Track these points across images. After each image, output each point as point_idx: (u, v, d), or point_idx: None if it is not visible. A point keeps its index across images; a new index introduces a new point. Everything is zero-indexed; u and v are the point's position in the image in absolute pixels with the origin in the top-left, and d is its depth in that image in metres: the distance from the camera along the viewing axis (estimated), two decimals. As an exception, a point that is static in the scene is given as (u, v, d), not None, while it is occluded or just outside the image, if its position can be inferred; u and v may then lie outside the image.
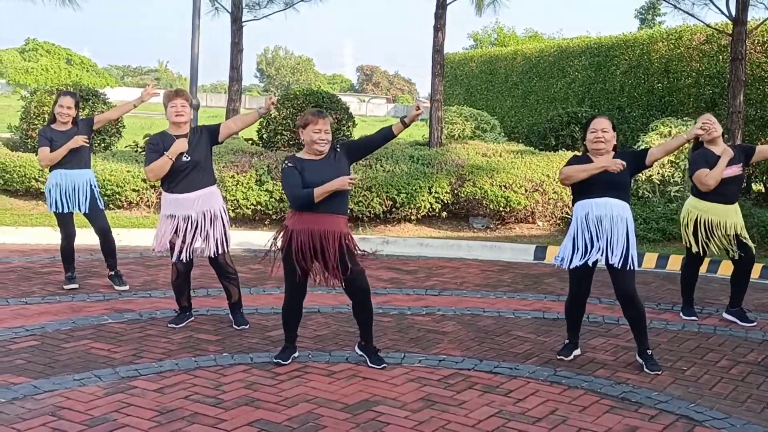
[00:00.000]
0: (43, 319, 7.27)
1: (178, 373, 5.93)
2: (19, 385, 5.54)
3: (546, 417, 5.29)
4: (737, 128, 13.73)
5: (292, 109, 15.47)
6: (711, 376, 6.29)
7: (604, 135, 6.37)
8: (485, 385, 5.88)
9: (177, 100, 7.02)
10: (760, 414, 5.50)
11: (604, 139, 6.37)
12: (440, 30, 16.08)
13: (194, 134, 7.09)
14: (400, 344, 6.89)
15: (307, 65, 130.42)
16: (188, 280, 7.31)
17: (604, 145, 6.38)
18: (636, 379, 6.15)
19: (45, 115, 15.02)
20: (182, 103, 7.03)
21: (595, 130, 6.40)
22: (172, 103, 7.00)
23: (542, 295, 9.11)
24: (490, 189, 13.03)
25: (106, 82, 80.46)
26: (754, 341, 7.41)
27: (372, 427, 5.01)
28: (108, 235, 8.66)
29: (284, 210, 12.49)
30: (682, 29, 18.25)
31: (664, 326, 7.78)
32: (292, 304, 6.24)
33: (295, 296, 6.21)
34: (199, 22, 13.89)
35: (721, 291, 9.21)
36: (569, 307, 6.72)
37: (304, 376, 5.95)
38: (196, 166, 6.99)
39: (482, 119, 20.34)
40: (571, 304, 6.70)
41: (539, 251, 11.77)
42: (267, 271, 9.78)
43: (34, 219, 12.26)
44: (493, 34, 62.12)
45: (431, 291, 9.13)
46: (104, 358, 6.21)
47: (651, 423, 5.24)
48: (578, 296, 6.64)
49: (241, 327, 7.22)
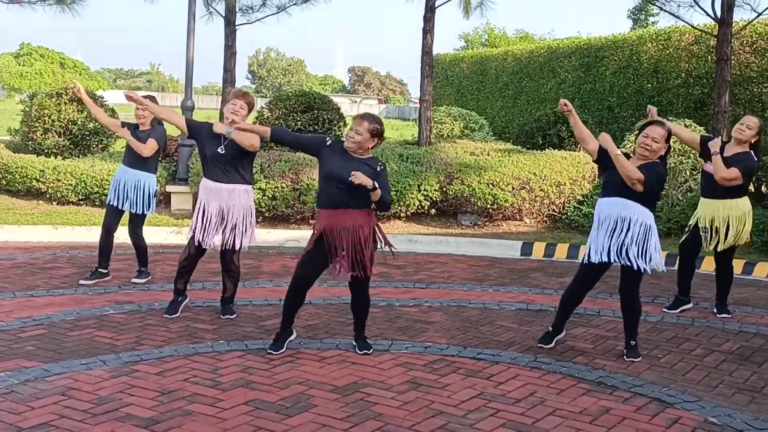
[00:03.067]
0: (49, 310, 7.60)
1: (177, 358, 6.25)
2: (30, 368, 5.87)
3: (525, 398, 5.61)
4: (723, 128, 14.05)
5: (284, 109, 15.78)
6: (685, 364, 6.62)
7: (652, 144, 6.45)
8: (468, 370, 6.21)
9: (239, 101, 7.26)
10: (730, 398, 5.81)
11: (651, 147, 6.45)
12: (429, 32, 16.34)
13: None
14: (388, 332, 7.23)
15: (298, 66, 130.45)
16: (194, 264, 7.61)
17: (648, 154, 6.48)
18: (612, 365, 6.48)
19: (45, 119, 15.33)
20: (242, 104, 7.24)
21: (646, 136, 6.49)
22: (234, 101, 7.26)
23: (527, 288, 9.45)
24: (478, 187, 13.36)
25: (99, 85, 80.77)
26: (731, 332, 7.74)
27: (360, 406, 5.34)
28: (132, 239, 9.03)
29: (277, 207, 12.84)
30: (670, 30, 18.53)
31: (643, 317, 8.02)
32: (299, 294, 6.47)
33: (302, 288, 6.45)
34: (194, 25, 14.17)
35: (702, 285, 9.50)
36: (566, 296, 6.93)
37: (296, 361, 6.28)
38: (230, 160, 7.24)
39: (471, 119, 20.69)
40: (569, 294, 6.91)
41: (526, 247, 12.11)
42: (260, 266, 10.14)
43: (36, 218, 12.58)
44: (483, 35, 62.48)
45: (419, 284, 9.46)
46: (108, 345, 6.54)
47: (624, 405, 5.57)
48: (579, 288, 6.85)
49: (226, 316, 7.54)
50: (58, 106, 15.52)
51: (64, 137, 15.71)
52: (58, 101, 15.63)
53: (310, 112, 15.87)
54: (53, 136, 15.37)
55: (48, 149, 15.26)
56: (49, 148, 15.27)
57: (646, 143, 6.48)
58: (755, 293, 9.62)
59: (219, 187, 7.30)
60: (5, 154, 14.41)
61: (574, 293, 6.90)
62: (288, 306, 6.51)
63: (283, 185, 12.78)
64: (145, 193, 8.84)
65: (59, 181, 13.59)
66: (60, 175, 13.59)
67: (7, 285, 8.62)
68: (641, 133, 6.57)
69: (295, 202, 12.89)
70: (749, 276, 10.72)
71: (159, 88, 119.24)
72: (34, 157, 14.22)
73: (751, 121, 8.06)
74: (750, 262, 10.95)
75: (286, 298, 6.50)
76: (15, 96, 76.79)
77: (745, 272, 10.75)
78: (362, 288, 6.49)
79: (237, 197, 7.34)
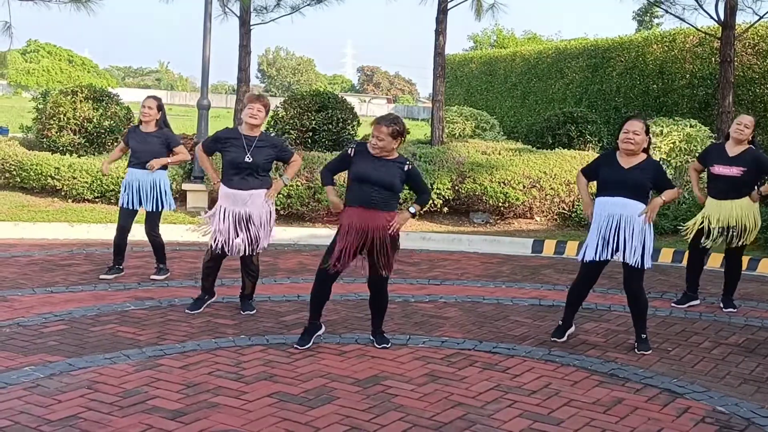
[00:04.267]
0: (70, 306, 7.74)
1: (200, 352, 6.40)
2: (54, 363, 6.00)
3: (540, 390, 5.76)
4: (727, 128, 14.12)
5: (298, 109, 15.92)
6: (694, 356, 6.78)
7: (635, 137, 6.70)
8: (485, 363, 6.36)
9: (255, 104, 7.42)
10: (737, 388, 5.98)
11: (634, 141, 6.70)
12: (441, 34, 16.48)
13: (262, 140, 7.48)
14: (405, 327, 7.38)
15: (308, 66, 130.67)
16: (219, 266, 7.78)
17: (633, 147, 6.71)
18: (624, 358, 6.64)
19: (60, 116, 15.46)
20: (258, 108, 7.41)
21: (627, 131, 6.73)
22: (250, 106, 7.41)
23: (539, 284, 9.59)
24: (490, 185, 13.49)
25: (107, 83, 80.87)
26: (736, 326, 7.92)
27: (381, 398, 5.48)
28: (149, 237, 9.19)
29: (292, 206, 12.97)
30: (675, 32, 18.66)
31: (653, 312, 8.22)
32: (324, 287, 6.63)
33: (327, 281, 6.60)
34: (210, 25, 14.29)
35: (708, 281, 9.64)
36: (573, 291, 7.13)
37: (317, 355, 6.43)
38: (256, 170, 7.41)
39: (482, 119, 20.82)
40: (575, 290, 7.11)
41: (537, 245, 12.24)
42: (277, 264, 10.27)
43: (51, 215, 12.71)
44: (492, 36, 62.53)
45: (434, 281, 9.60)
46: (130, 340, 6.68)
47: (636, 395, 5.72)
48: (584, 284, 7.06)
49: (246, 312, 7.69)
50: (74, 104, 15.65)
51: (80, 135, 15.80)
52: (73, 99, 15.75)
53: (324, 111, 16.02)
54: (68, 134, 15.50)
55: (63, 147, 15.39)
56: (64, 145, 15.39)
57: (629, 138, 6.71)
58: (760, 288, 9.80)
59: (239, 194, 7.43)
60: (20, 151, 14.53)
61: (579, 290, 7.10)
62: (314, 299, 6.68)
63: (298, 184, 12.93)
64: (162, 191, 9.01)
65: (75, 178, 13.72)
66: (75, 173, 13.73)
67: (26, 281, 8.75)
68: (621, 129, 6.81)
69: (310, 200, 13.03)
70: (754, 271, 10.89)
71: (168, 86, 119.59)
72: (50, 155, 14.34)
73: (747, 120, 8.40)
74: (755, 258, 11.11)
75: (312, 292, 6.68)
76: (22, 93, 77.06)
77: (750, 268, 10.90)
78: (381, 286, 6.64)
79: (256, 202, 7.48)
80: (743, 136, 8.32)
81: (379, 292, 6.69)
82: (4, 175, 14.29)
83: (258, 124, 7.45)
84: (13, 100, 60.79)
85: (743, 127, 8.32)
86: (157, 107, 8.99)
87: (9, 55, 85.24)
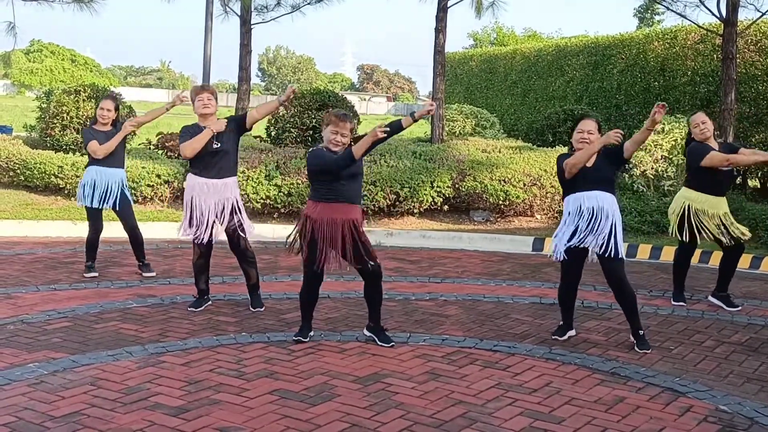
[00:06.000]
0: (73, 303, 7.79)
1: (202, 349, 6.43)
2: (58, 359, 6.05)
3: (541, 388, 5.78)
4: (729, 125, 14.18)
5: (299, 107, 15.91)
6: (696, 355, 6.79)
7: (589, 136, 6.84)
8: (485, 361, 6.38)
9: (204, 94, 7.63)
10: (740, 387, 5.99)
11: (589, 140, 6.82)
12: (441, 32, 16.49)
13: (227, 125, 7.63)
14: (406, 325, 7.39)
15: (308, 64, 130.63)
16: (208, 261, 7.84)
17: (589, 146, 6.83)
18: (626, 356, 6.65)
19: (64, 115, 15.48)
20: (208, 96, 7.64)
21: (581, 131, 6.89)
22: (200, 97, 7.61)
23: (539, 282, 9.60)
24: (490, 183, 13.50)
25: (110, 82, 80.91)
26: (739, 324, 7.91)
27: (382, 396, 5.51)
28: (135, 230, 9.20)
29: (292, 204, 12.99)
30: (677, 29, 18.64)
31: (654, 311, 8.27)
32: (310, 289, 6.74)
33: (313, 283, 6.70)
34: (211, 24, 14.33)
35: (711, 280, 9.63)
36: (561, 293, 7.21)
37: (317, 352, 6.46)
38: (226, 155, 7.58)
39: (482, 117, 20.82)
40: (563, 291, 7.19)
41: (537, 243, 12.26)
42: (277, 261, 10.29)
43: (54, 213, 12.75)
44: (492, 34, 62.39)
45: (434, 279, 9.62)
46: (133, 337, 6.72)
47: (638, 394, 5.73)
48: (569, 283, 7.12)
49: (256, 309, 7.74)
50: (77, 103, 15.63)
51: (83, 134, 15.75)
52: (77, 98, 15.73)
53: (324, 109, 16.01)
54: (72, 133, 15.49)
55: (66, 145, 15.39)
56: (67, 144, 15.39)
57: (584, 137, 6.84)
58: (763, 287, 9.80)
59: (213, 183, 7.56)
60: (24, 150, 14.55)
61: (567, 288, 7.17)
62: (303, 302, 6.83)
63: (298, 182, 12.94)
64: (125, 186, 9.21)
65: (78, 177, 13.70)
66: (79, 172, 13.69)
67: (30, 279, 8.80)
68: (575, 130, 6.94)
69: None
70: (756, 270, 10.87)
71: (170, 85, 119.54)
72: (53, 154, 14.35)
73: (705, 117, 8.47)
74: (757, 257, 11.10)
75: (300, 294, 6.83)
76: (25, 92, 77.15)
77: (753, 266, 10.90)
78: (374, 273, 6.64)
79: (230, 190, 7.64)
80: (709, 133, 8.37)
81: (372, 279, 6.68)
82: (8, 174, 14.30)
83: (212, 112, 7.65)
84: (17, 100, 60.87)
85: (705, 126, 8.37)
86: (114, 108, 9.19)
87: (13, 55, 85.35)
